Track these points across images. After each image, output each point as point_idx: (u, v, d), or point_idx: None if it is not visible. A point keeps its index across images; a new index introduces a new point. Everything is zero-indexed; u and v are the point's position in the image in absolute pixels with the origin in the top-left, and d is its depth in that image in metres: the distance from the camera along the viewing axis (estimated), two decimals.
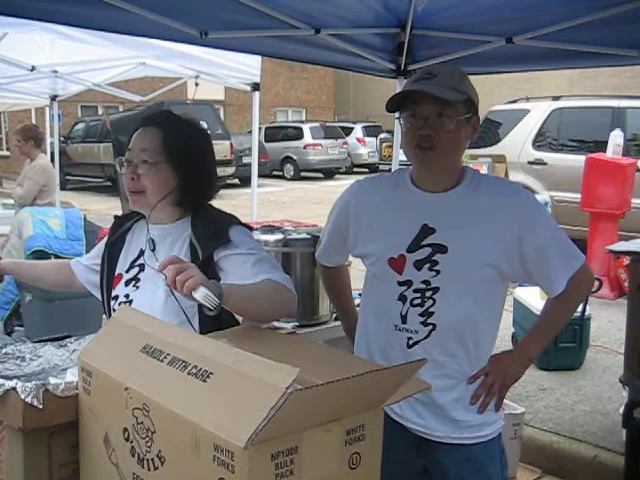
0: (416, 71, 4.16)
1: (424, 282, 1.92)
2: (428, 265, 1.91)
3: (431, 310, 1.92)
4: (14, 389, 1.35)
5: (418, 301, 1.93)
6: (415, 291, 1.93)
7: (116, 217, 2.19)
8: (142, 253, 2.04)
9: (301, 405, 0.97)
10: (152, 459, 1.16)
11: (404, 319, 1.95)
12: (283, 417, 0.95)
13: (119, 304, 2.02)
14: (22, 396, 1.34)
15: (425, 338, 1.93)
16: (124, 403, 1.22)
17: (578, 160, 8.00)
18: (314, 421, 1.05)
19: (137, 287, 1.99)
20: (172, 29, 3.11)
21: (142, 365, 1.23)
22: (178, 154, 1.94)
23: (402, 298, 1.94)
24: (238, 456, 0.97)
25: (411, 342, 1.95)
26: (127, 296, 1.99)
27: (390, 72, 4.16)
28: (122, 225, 2.14)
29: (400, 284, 1.94)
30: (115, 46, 4.93)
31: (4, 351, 1.59)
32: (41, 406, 1.34)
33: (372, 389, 1.12)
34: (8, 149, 23.22)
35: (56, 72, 6.45)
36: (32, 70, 6.04)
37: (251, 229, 2.06)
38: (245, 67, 5.39)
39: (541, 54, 3.58)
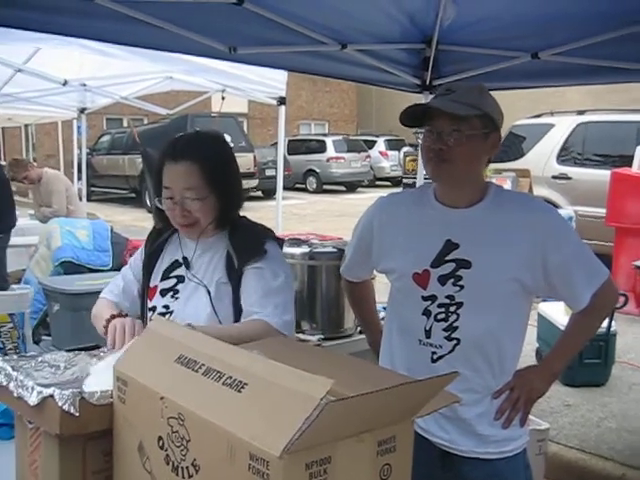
0: (442, 86, 4.20)
1: (448, 297, 1.94)
2: (452, 280, 1.93)
3: (455, 325, 1.94)
4: (52, 396, 1.39)
5: (442, 316, 1.94)
6: (439, 306, 1.95)
7: (154, 228, 2.24)
8: (178, 264, 2.08)
9: (335, 416, 0.99)
10: (187, 467, 1.18)
11: (428, 334, 1.97)
12: (318, 427, 0.97)
13: (157, 315, 2.05)
14: (59, 403, 1.37)
15: (449, 353, 1.95)
16: (159, 412, 1.24)
17: (603, 175, 7.96)
18: (347, 432, 1.07)
19: (176, 298, 2.02)
20: (201, 45, 3.16)
21: (177, 375, 1.25)
22: (220, 183, 1.99)
23: (426, 313, 1.96)
24: (273, 465, 0.99)
25: (435, 357, 1.96)
26: (167, 307, 2.02)
27: (415, 87, 4.19)
28: (160, 235, 2.17)
29: (424, 299, 1.97)
30: (143, 60, 5.01)
31: (39, 359, 1.62)
32: (77, 413, 1.38)
33: (404, 401, 1.14)
34: (35, 160, 23.57)
35: (85, 85, 6.57)
36: (64, 84, 6.15)
37: (282, 242, 2.11)
38: (271, 81, 5.44)
39: (566, 69, 3.58)
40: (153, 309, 2.06)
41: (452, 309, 1.93)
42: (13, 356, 1.68)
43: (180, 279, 2.06)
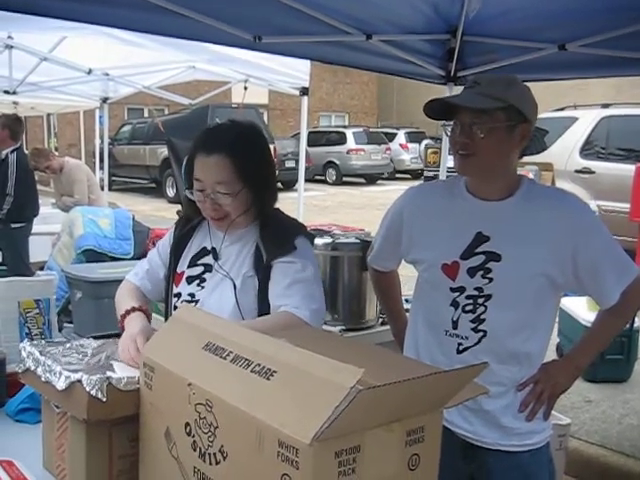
0: (466, 77, 4.16)
1: (477, 289, 1.93)
2: (481, 272, 1.93)
3: (482, 317, 1.94)
4: (79, 381, 1.40)
5: (470, 307, 1.95)
6: (467, 297, 1.95)
7: (180, 215, 2.23)
8: (206, 251, 2.07)
9: (366, 404, 0.99)
10: (214, 454, 1.18)
11: (455, 325, 1.97)
12: (348, 416, 0.97)
13: (182, 302, 2.05)
14: (87, 389, 1.38)
15: (475, 344, 1.95)
16: (187, 398, 1.24)
17: (627, 169, 7.87)
18: (377, 421, 1.07)
19: (202, 287, 2.02)
20: (227, 34, 3.16)
21: (205, 362, 1.26)
22: (252, 177, 1.96)
23: (454, 304, 1.96)
24: (303, 453, 0.99)
25: (461, 348, 1.97)
26: (192, 295, 2.02)
27: (440, 78, 4.16)
28: (190, 221, 2.16)
29: (453, 290, 1.97)
30: (167, 50, 5.02)
31: (67, 345, 1.63)
32: (105, 399, 1.39)
33: (433, 391, 1.13)
34: (57, 149, 23.75)
35: (108, 75, 6.59)
36: (89, 73, 6.18)
37: (314, 238, 2.10)
38: (294, 71, 5.43)
39: (593, 61, 3.54)
40: (178, 295, 2.05)
41: (480, 301, 1.93)
42: (41, 341, 1.70)
43: (208, 268, 2.05)
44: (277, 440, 1.03)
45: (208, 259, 2.05)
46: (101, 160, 8.75)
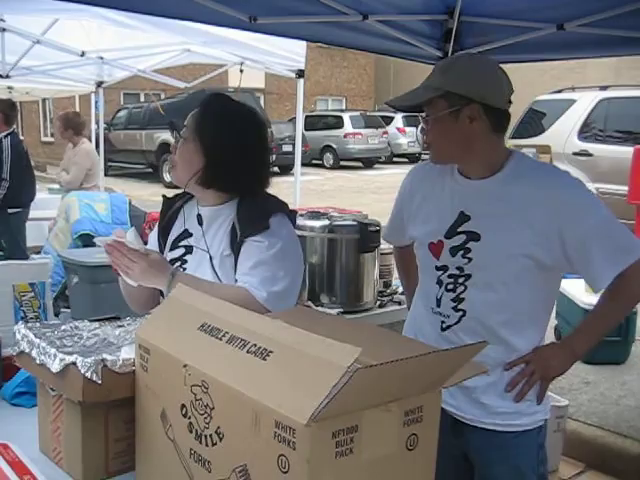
0: None
1: (458, 268, 1.95)
2: (462, 252, 1.93)
3: (462, 296, 1.95)
4: (74, 364, 1.38)
5: (451, 286, 1.96)
6: (449, 276, 1.96)
7: (164, 197, 2.21)
8: (188, 234, 2.06)
9: (363, 384, 0.97)
10: (210, 435, 1.17)
11: (438, 303, 2.00)
12: (345, 395, 0.96)
13: None
14: (82, 371, 1.36)
15: (456, 323, 1.96)
16: (182, 380, 1.23)
17: (625, 152, 7.85)
18: (374, 401, 1.05)
19: (185, 269, 2.01)
20: (222, 14, 3.13)
21: (200, 343, 1.24)
22: (207, 134, 1.96)
23: (439, 282, 1.99)
24: (300, 433, 0.98)
25: (444, 325, 1.99)
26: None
27: (437, 59, 4.10)
28: (172, 206, 2.16)
29: (437, 269, 1.99)
30: (161, 32, 4.97)
31: (62, 327, 1.62)
32: (100, 381, 1.37)
33: (432, 370, 1.12)
34: (52, 135, 23.65)
35: (102, 58, 6.53)
36: (82, 55, 6.13)
37: (295, 216, 2.07)
38: (290, 54, 5.39)
39: (591, 41, 3.51)
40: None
41: (460, 280, 1.94)
42: (36, 324, 1.68)
43: (188, 249, 2.04)
44: (274, 421, 1.02)
45: (190, 240, 2.05)
46: (97, 145, 8.70)
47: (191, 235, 2.06)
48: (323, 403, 0.96)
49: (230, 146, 1.97)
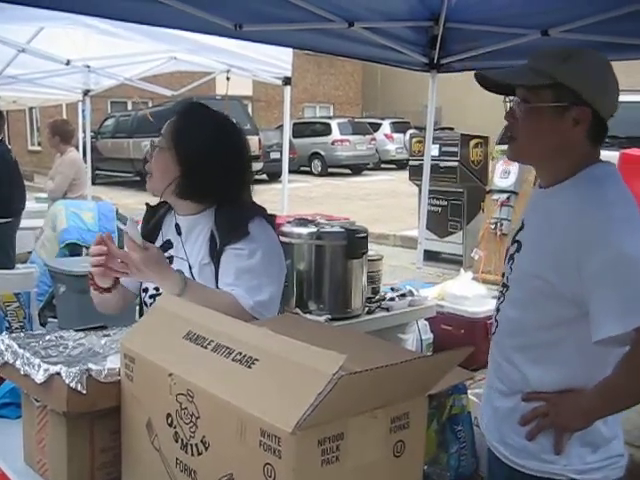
0: (450, 65, 4.15)
1: (506, 278, 1.82)
2: (511, 262, 1.80)
3: (499, 307, 1.83)
4: (58, 374, 1.37)
5: (500, 295, 1.85)
6: (502, 285, 1.84)
7: (147, 205, 2.20)
8: (169, 244, 2.05)
9: (349, 391, 0.97)
10: (196, 444, 1.16)
11: (495, 309, 1.89)
12: (330, 403, 0.95)
13: (150, 297, 2.05)
14: (66, 381, 1.35)
15: (494, 333, 1.85)
16: (168, 389, 1.22)
17: (611, 156, 7.87)
18: (360, 408, 1.05)
19: None
20: (206, 22, 3.12)
21: (186, 351, 1.24)
22: (182, 144, 1.95)
23: (502, 287, 1.86)
24: (285, 441, 0.97)
25: (492, 332, 1.87)
26: (157, 289, 2.00)
27: (423, 66, 4.15)
28: (154, 214, 2.15)
29: (502, 275, 1.87)
30: (147, 40, 4.95)
31: (47, 337, 1.60)
32: (85, 391, 1.36)
33: (417, 376, 1.11)
34: (40, 144, 23.54)
35: (89, 67, 6.51)
36: (67, 64, 6.08)
37: (274, 221, 2.05)
38: (276, 61, 5.38)
39: (576, 46, 3.53)
40: (145, 290, 2.04)
41: (504, 291, 1.81)
42: (20, 334, 1.67)
43: (170, 260, 2.02)
44: (259, 429, 1.02)
45: (171, 251, 2.03)
46: (84, 154, 8.66)
47: (172, 246, 2.05)
48: (308, 411, 0.96)
49: (205, 155, 1.95)
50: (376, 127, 23.62)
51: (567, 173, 1.68)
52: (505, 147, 1.89)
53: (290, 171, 6.01)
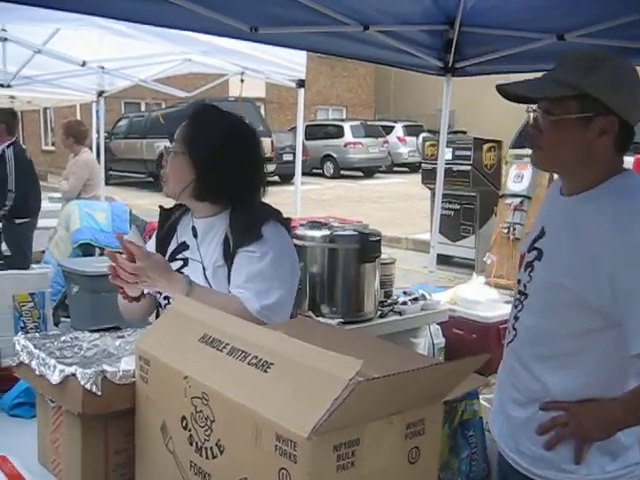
0: (464, 69, 4.14)
1: (524, 285, 1.79)
2: (529, 270, 1.77)
3: (518, 315, 1.80)
4: (74, 375, 1.38)
5: (517, 303, 1.82)
6: (519, 292, 1.82)
7: (161, 208, 2.21)
8: (185, 246, 2.06)
9: (365, 397, 0.97)
10: (211, 447, 1.16)
11: (511, 317, 1.86)
12: (347, 408, 0.95)
13: (164, 298, 2.06)
14: (82, 382, 1.36)
15: (511, 341, 1.82)
16: (183, 392, 1.22)
17: (626, 162, 7.84)
18: (376, 413, 1.05)
19: None
20: (223, 24, 3.13)
21: (201, 354, 1.24)
22: (196, 147, 1.96)
23: (518, 294, 1.84)
24: (301, 446, 0.97)
25: (507, 341, 1.85)
26: None
27: (438, 69, 4.14)
28: (169, 217, 2.16)
29: (517, 281, 1.85)
30: (162, 41, 4.97)
31: (62, 338, 1.61)
32: (100, 393, 1.36)
33: (433, 383, 1.11)
34: (53, 144, 23.68)
35: (103, 68, 6.54)
36: (83, 65, 6.12)
37: (289, 224, 2.05)
38: (290, 63, 5.39)
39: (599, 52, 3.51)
40: (160, 292, 2.04)
41: (522, 299, 1.78)
42: (36, 335, 1.67)
43: (186, 262, 2.04)
44: (275, 434, 1.01)
45: (187, 253, 2.05)
46: (97, 154, 8.71)
47: (188, 247, 2.06)
48: (324, 416, 0.96)
49: (220, 158, 1.96)
50: (389, 130, 23.61)
51: (593, 182, 1.66)
52: (518, 151, 1.93)
53: (302, 173, 6.00)
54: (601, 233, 1.58)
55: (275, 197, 2.08)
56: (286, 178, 15.12)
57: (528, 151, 8.88)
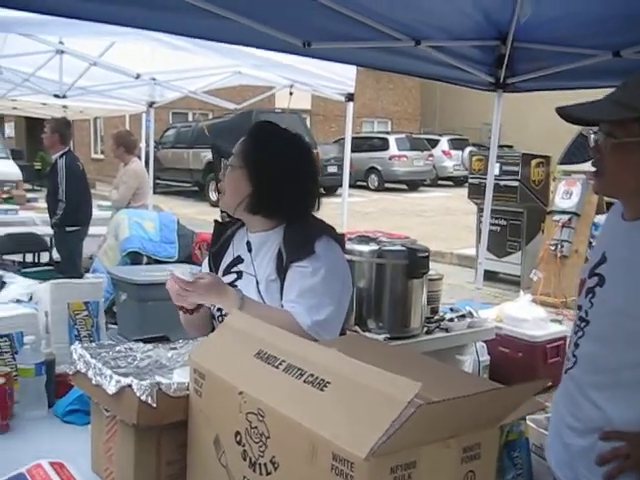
0: (515, 84, 4.11)
1: (584, 311, 1.75)
2: (590, 296, 1.73)
3: (578, 342, 1.75)
4: (130, 386, 1.40)
5: (577, 329, 1.77)
6: (579, 318, 1.77)
7: (216, 222, 2.24)
8: (239, 260, 2.09)
9: (424, 420, 0.96)
10: (265, 464, 1.17)
11: (570, 343, 1.82)
12: (406, 431, 0.95)
13: (217, 309, 2.08)
14: (137, 394, 1.38)
15: (570, 368, 1.77)
16: (238, 407, 1.23)
17: None
18: (434, 436, 1.04)
19: None
20: (276, 39, 3.16)
21: (257, 370, 1.24)
22: (253, 161, 2.00)
23: (579, 320, 1.80)
24: (358, 467, 0.97)
25: (566, 367, 1.80)
26: None
27: (489, 85, 4.11)
28: (224, 232, 2.19)
29: (578, 307, 1.81)
30: (213, 54, 5.03)
31: (117, 349, 1.64)
32: (155, 405, 1.38)
33: (492, 407, 1.10)
34: (102, 152, 24.15)
35: (155, 80, 6.66)
36: (137, 78, 6.26)
37: (343, 241, 2.07)
38: (341, 77, 5.41)
39: None
40: (214, 304, 2.07)
41: (582, 325, 1.74)
42: (92, 344, 1.71)
43: (240, 275, 2.07)
44: (331, 453, 1.01)
45: (241, 266, 2.08)
46: (146, 164, 8.85)
47: (242, 261, 2.09)
48: (383, 438, 0.95)
49: (277, 173, 2.00)
50: (434, 143, 23.50)
51: None
52: (567, 167, 1.88)
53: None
54: None
55: (320, 209, 2.10)
56: (330, 190, 15.16)
57: (577, 167, 8.78)
